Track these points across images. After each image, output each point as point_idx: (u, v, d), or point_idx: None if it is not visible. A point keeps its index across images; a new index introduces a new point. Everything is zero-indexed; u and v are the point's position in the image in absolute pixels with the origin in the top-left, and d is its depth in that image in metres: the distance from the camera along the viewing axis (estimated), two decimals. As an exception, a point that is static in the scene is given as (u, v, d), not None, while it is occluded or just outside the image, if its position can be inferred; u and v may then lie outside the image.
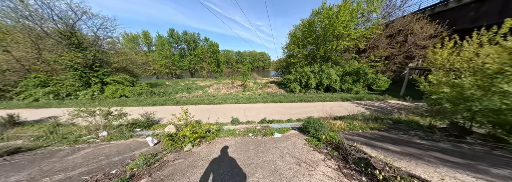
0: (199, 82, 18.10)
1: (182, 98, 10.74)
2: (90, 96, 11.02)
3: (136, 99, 10.67)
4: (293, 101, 9.96)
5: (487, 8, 10.59)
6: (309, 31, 13.23)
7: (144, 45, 22.62)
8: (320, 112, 7.93)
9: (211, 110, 7.78)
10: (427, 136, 4.17)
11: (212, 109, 7.95)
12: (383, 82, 12.91)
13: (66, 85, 11.37)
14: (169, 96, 11.39)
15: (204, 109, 7.89)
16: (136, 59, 14.90)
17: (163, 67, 21.11)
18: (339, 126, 4.84)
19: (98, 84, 11.78)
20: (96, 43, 12.39)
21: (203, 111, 7.48)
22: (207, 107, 8.25)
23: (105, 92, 11.47)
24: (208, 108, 8.17)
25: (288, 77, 13.39)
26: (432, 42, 11.92)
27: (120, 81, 12.12)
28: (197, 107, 8.35)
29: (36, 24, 11.09)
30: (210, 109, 7.96)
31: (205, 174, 2.43)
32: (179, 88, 14.43)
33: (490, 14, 10.39)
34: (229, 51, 53.08)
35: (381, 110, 8.71)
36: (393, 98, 11.62)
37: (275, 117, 6.84)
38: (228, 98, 9.80)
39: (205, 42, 26.16)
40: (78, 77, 11.35)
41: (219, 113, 7.28)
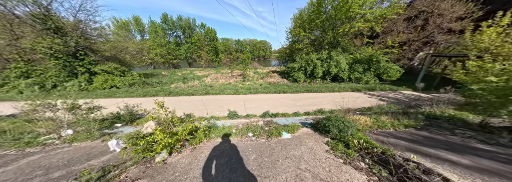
0: (197, 72, 16.73)
1: (177, 88, 9.58)
2: (78, 87, 9.91)
3: (127, 89, 9.55)
4: (298, 91, 8.77)
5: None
6: (317, 12, 11.21)
7: (136, 32, 20.48)
8: (330, 103, 6.80)
9: (206, 101, 6.67)
10: (486, 138, 3.04)
11: (207, 100, 6.84)
12: (395, 72, 11.42)
13: (50, 76, 10.16)
14: (163, 86, 10.22)
15: (198, 100, 6.79)
16: (126, 47, 13.28)
17: (158, 56, 19.39)
18: (364, 122, 3.72)
19: (86, 74, 10.54)
20: (78, 28, 10.71)
21: (197, 103, 6.39)
22: (202, 98, 7.14)
23: (94, 83, 10.31)
24: (203, 99, 7.05)
25: (292, 66, 11.89)
26: (461, 25, 10.05)
27: (110, 71, 10.83)
28: (191, 98, 7.24)
29: (5, 7, 9.34)
30: (205, 100, 6.85)
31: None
32: (175, 79, 13.19)
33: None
34: (228, 40, 49.63)
35: (398, 102, 7.52)
36: (407, 89, 10.34)
37: (279, 109, 5.73)
38: (226, 88, 8.61)
39: (201, 28, 23.57)
40: (62, 67, 10.06)
41: (215, 104, 6.18)
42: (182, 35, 22.71)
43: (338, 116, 3.22)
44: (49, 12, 9.57)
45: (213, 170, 2.04)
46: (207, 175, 1.95)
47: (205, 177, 1.91)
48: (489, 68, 4.45)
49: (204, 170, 2.05)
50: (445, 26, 10.26)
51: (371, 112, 5.29)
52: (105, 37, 12.65)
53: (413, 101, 7.70)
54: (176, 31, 22.36)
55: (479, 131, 3.46)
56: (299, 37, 13.05)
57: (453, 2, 9.81)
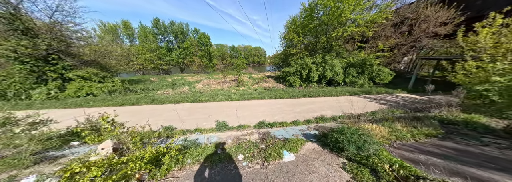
0: (189, 78, 15.75)
1: (163, 95, 8.55)
2: (46, 95, 8.53)
3: (105, 97, 8.35)
4: (295, 96, 8.16)
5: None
6: (310, 17, 11.19)
7: (125, 37, 19.35)
8: (331, 109, 6.23)
9: (193, 109, 5.77)
10: None
11: (194, 108, 5.94)
12: (387, 75, 11.41)
13: (13, 82, 8.71)
14: (147, 93, 9.14)
15: (184, 109, 5.86)
16: (110, 51, 12.17)
17: (148, 61, 18.19)
18: (379, 133, 3.07)
19: (58, 80, 9.20)
20: (53, 29, 9.58)
21: (182, 112, 5.47)
22: (190, 106, 6.22)
23: (67, 90, 8.99)
24: (191, 107, 6.14)
25: (287, 70, 11.47)
26: (445, 29, 10.41)
27: (87, 77, 9.59)
28: (177, 106, 6.29)
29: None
30: (192, 108, 5.94)
31: None
32: (163, 85, 12.12)
33: None
34: (223, 46, 49.49)
35: (398, 105, 7.15)
36: (402, 91, 10.19)
37: (277, 117, 5.00)
38: (217, 94, 7.77)
39: (195, 33, 22.95)
40: (29, 72, 8.70)
41: (203, 113, 5.30)
42: (174, 40, 21.88)
43: (352, 128, 2.54)
44: (18, 11, 8.46)
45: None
46: None
47: None
48: (490, 68, 4.27)
49: None
50: (430, 31, 10.56)
51: (376, 117, 4.70)
52: (86, 41, 11.52)
53: (413, 104, 7.41)
54: (168, 36, 21.54)
55: (508, 138, 2.95)
56: (293, 42, 12.87)
57: (437, 8, 10.22)
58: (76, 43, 10.92)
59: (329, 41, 11.59)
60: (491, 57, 4.63)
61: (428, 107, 6.24)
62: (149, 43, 18.16)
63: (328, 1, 9.58)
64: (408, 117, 4.33)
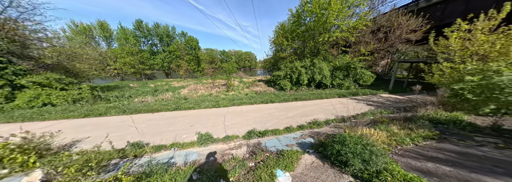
0: (174, 83, 14.60)
1: (141, 103, 7.52)
2: (-15, 107, 6.85)
3: (67, 107, 7.00)
4: (287, 100, 7.88)
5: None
6: (297, 23, 11.44)
7: (101, 39, 17.40)
8: (323, 112, 6.03)
9: (174, 119, 5.00)
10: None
11: (176, 117, 5.17)
12: (369, 77, 12.04)
13: None
14: (122, 101, 7.97)
15: (163, 118, 5.05)
16: (78, 54, 10.65)
17: (127, 66, 16.47)
18: (378, 138, 2.81)
19: (5, 88, 7.54)
20: (3, 28, 8.01)
21: (160, 122, 4.68)
22: (170, 115, 5.41)
23: (16, 99, 7.37)
24: (172, 116, 5.34)
25: (278, 74, 11.34)
26: (415, 36, 11.50)
27: (46, 84, 8.07)
28: (155, 115, 5.44)
29: None
30: (173, 117, 5.17)
31: None
32: (144, 91, 10.91)
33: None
34: (213, 50, 48.48)
35: (383, 105, 7.34)
36: (384, 92, 10.72)
37: (269, 124, 4.56)
38: (204, 101, 7.07)
39: (182, 37, 21.92)
40: (-37, 79, 6.99)
41: (184, 123, 4.59)
42: (159, 44, 20.47)
43: (354, 136, 2.20)
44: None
45: None
46: None
47: None
48: (462, 69, 4.63)
49: None
50: (403, 37, 11.56)
51: (369, 118, 4.56)
52: (49, 42, 9.92)
53: (396, 103, 7.68)
54: (152, 39, 20.06)
55: (498, 136, 2.93)
56: (282, 46, 12.96)
57: (407, 17, 11.31)
58: (36, 44, 9.33)
59: (316, 45, 11.91)
60: (461, 59, 5.07)
61: (411, 106, 6.50)
62: (130, 46, 16.57)
63: (314, 8, 9.89)
64: (399, 117, 4.26)
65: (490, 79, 3.65)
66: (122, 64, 16.16)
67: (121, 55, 16.18)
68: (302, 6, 10.88)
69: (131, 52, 16.50)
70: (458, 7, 10.36)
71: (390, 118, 4.29)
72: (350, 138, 2.16)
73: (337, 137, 2.38)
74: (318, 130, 4.20)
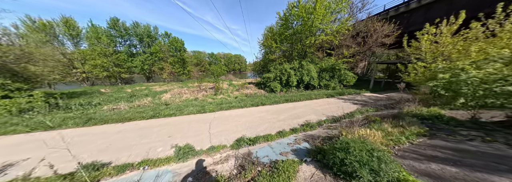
0: (156, 88, 13.22)
1: (111, 111, 6.39)
2: None
3: (7, 120, 5.52)
4: (278, 102, 7.64)
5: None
6: (285, 26, 11.62)
7: (66, 38, 14.89)
8: (314, 113, 5.91)
9: (150, 129, 4.22)
10: (508, 139, 2.50)
11: (151, 127, 4.39)
12: (351, 78, 12.76)
13: None
14: (86, 110, 6.71)
15: (136, 129, 4.23)
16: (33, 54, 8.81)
17: (99, 69, 14.31)
18: (374, 138, 2.65)
19: None
20: None
21: (131, 134, 3.87)
22: (144, 125, 4.58)
23: None
24: (147, 125, 4.53)
25: (268, 76, 11.17)
26: (389, 40, 12.65)
27: (-20, 91, 6.34)
28: (125, 125, 4.55)
29: None
30: (149, 127, 4.38)
31: None
32: (117, 97, 9.53)
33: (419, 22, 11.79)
34: (201, 53, 46.47)
35: (368, 103, 7.67)
36: (366, 91, 11.37)
37: (260, 129, 4.18)
38: (188, 106, 6.33)
39: (165, 37, 20.25)
40: None
41: (162, 134, 3.88)
42: (139, 45, 18.54)
43: (357, 141, 1.94)
44: None
45: None
46: None
47: None
48: (433, 67, 5.08)
49: None
50: (379, 41, 12.62)
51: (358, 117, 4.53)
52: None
53: (378, 101, 8.10)
54: (130, 40, 18.05)
55: (479, 129, 3.05)
56: (271, 48, 12.93)
57: (382, 23, 12.43)
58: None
59: (304, 48, 12.17)
60: (432, 58, 5.59)
61: (392, 104, 6.87)
62: (102, 46, 14.52)
63: (300, 13, 10.15)
64: (387, 115, 4.30)
65: (458, 77, 4.00)
66: (92, 66, 14.00)
67: (91, 56, 14.07)
68: (289, 10, 11.08)
69: (103, 53, 14.47)
70: (419, 17, 11.91)
71: (380, 116, 4.29)
72: (354, 144, 1.89)
73: (338, 143, 2.10)
74: (311, 133, 3.98)
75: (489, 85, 3.39)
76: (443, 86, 4.33)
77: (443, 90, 4.32)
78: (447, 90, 4.30)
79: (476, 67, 3.98)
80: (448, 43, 5.35)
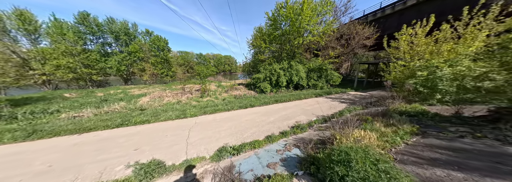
0: (134, 91, 11.83)
1: (72, 118, 5.31)
2: None
3: None
4: (268, 103, 7.32)
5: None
6: (274, 27, 11.51)
7: (20, 34, 12.41)
8: (304, 113, 5.70)
9: (110, 141, 3.46)
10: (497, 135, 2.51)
11: (116, 138, 3.62)
12: (337, 78, 13.20)
13: None
14: (39, 119, 5.50)
15: (93, 142, 3.43)
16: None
17: (63, 70, 12.22)
18: (373, 141, 2.43)
19: None
20: None
21: (84, 148, 3.08)
22: (107, 135, 3.77)
23: None
24: (110, 136, 3.74)
25: (257, 76, 10.85)
26: (370, 41, 13.42)
27: None
28: (82, 137, 3.69)
29: None
30: (110, 138, 3.60)
31: None
32: (84, 103, 8.17)
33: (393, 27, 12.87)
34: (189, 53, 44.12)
35: (354, 102, 7.84)
36: (351, 90, 11.81)
37: (247, 134, 3.76)
38: (167, 110, 5.58)
39: (146, 36, 18.45)
40: None
41: (127, 146, 3.18)
42: (115, 43, 16.53)
43: (358, 150, 1.65)
44: None
45: None
46: None
47: None
48: (412, 66, 5.36)
49: None
50: (361, 43, 13.31)
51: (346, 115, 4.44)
52: None
53: (363, 99, 8.34)
54: (104, 37, 15.97)
55: (463, 124, 3.08)
56: (260, 48, 12.68)
57: (363, 26, 13.15)
58: None
59: (292, 49, 12.17)
60: (411, 57, 5.92)
61: (375, 101, 7.09)
62: (67, 44, 12.47)
63: (288, 13, 10.12)
64: (376, 113, 4.25)
65: (435, 74, 4.18)
66: (54, 67, 11.91)
67: (53, 55, 11.98)
68: (277, 10, 10.99)
69: (69, 52, 12.46)
70: (394, 22, 12.98)
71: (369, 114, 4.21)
72: (354, 155, 1.58)
73: (335, 153, 1.77)
74: (302, 136, 3.71)
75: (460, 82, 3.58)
76: (421, 83, 4.56)
77: (421, 87, 4.53)
78: (425, 87, 4.52)
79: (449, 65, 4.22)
80: (423, 43, 5.71)
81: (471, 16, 4.74)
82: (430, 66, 4.44)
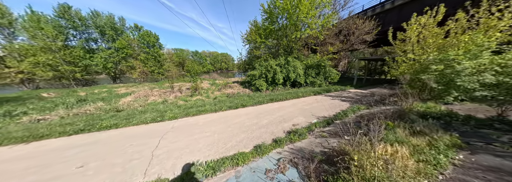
0: (120, 90, 10.93)
1: (35, 121, 4.52)
2: None
3: None
4: (262, 102, 6.62)
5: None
6: (270, 20, 10.64)
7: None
8: (302, 114, 5.00)
9: (56, 153, 2.72)
10: None
11: (64, 149, 2.88)
12: (335, 75, 12.57)
13: None
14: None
15: (35, 155, 2.68)
16: None
17: (42, 68, 11.13)
18: (408, 163, 1.72)
19: None
20: None
21: (13, 166, 2.33)
22: (58, 145, 2.99)
23: None
24: (60, 146, 2.98)
25: (253, 73, 10.09)
26: (370, 37, 12.72)
27: None
28: (25, 148, 2.93)
29: None
30: (58, 150, 2.85)
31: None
32: (59, 103, 7.29)
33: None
34: (184, 51, 42.48)
35: (355, 100, 7.23)
36: (351, 88, 11.22)
37: (232, 142, 3.09)
38: (146, 111, 4.83)
39: (135, 31, 17.05)
40: None
41: (71, 162, 2.44)
42: (100, 39, 15.31)
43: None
44: None
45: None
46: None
47: None
48: (423, 60, 4.72)
49: None
50: (361, 38, 12.61)
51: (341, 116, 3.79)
52: None
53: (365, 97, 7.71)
54: (88, 32, 14.73)
55: None
56: (256, 43, 11.83)
57: (363, 21, 12.40)
58: None
59: (289, 44, 11.38)
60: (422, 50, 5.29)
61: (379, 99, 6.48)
62: (46, 39, 11.29)
63: (285, 5, 9.29)
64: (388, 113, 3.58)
65: (453, 68, 3.55)
66: (32, 65, 10.83)
67: (30, 52, 10.87)
68: (273, 2, 10.09)
69: (48, 48, 11.34)
70: (393, 17, 12.33)
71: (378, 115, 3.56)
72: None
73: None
74: (301, 145, 3.02)
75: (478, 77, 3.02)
76: (436, 79, 3.96)
77: (435, 83, 3.93)
78: (439, 83, 3.92)
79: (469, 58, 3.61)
80: (434, 34, 5.08)
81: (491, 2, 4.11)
82: (446, 60, 3.81)
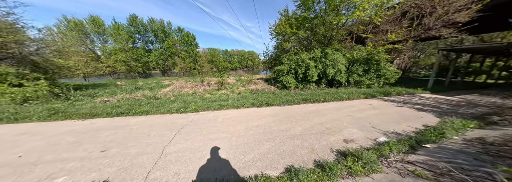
0: (165, 81, 12.81)
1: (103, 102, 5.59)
2: None
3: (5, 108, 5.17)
4: (291, 102, 5.39)
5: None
6: (305, 7, 8.89)
7: (95, 36, 16.07)
8: (355, 124, 3.29)
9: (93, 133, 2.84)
10: None
11: (102, 129, 3.01)
12: (393, 74, 9.20)
13: None
14: (82, 101, 6.19)
15: (79, 132, 2.91)
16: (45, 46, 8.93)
17: (119, 63, 15.00)
18: None
19: None
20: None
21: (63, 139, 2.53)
22: (100, 125, 3.23)
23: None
24: (100, 126, 3.19)
25: (280, 69, 8.86)
26: (465, 15, 8.31)
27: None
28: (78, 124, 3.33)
29: None
30: (97, 129, 3.01)
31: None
32: (124, 89, 9.11)
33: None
34: (216, 50, 46.80)
35: (442, 110, 4.59)
36: (423, 91, 7.83)
37: (253, 153, 2.22)
38: (175, 101, 4.91)
39: (178, 32, 20.26)
40: None
41: (99, 144, 2.39)
42: (155, 40, 18.91)
43: None
44: None
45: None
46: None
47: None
48: None
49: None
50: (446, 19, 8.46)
51: (450, 133, 1.96)
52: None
53: (459, 108, 4.75)
54: (147, 36, 18.54)
55: None
56: (285, 35, 10.44)
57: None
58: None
59: (328, 33, 9.23)
60: None
61: (493, 112, 3.76)
62: (121, 41, 15.05)
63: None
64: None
65: None
66: (114, 61, 14.68)
67: (113, 51, 14.72)
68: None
69: (123, 48, 14.99)
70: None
71: None
72: None
73: None
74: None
75: None
76: None
77: None
78: None
79: None
80: None
81: None
82: None
